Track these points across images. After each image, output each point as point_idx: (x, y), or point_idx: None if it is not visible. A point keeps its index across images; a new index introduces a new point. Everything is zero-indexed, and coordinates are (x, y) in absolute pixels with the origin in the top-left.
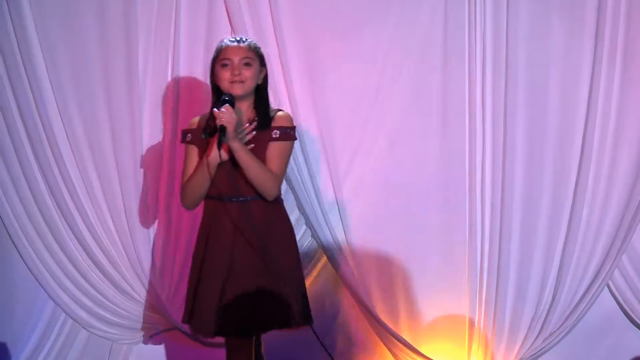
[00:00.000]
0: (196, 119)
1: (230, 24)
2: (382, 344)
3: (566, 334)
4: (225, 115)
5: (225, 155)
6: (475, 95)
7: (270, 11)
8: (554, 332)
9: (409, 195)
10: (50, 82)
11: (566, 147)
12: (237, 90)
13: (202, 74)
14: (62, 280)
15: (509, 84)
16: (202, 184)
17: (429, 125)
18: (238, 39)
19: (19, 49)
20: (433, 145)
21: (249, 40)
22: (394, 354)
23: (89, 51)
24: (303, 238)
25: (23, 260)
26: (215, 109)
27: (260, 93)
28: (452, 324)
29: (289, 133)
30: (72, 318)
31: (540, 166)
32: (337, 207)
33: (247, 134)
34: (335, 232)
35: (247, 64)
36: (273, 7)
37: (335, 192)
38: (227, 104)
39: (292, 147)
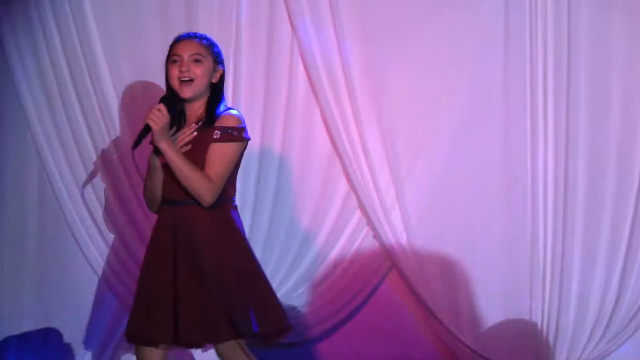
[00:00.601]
0: None
1: (292, 28)
2: (444, 346)
3: (630, 336)
4: (154, 114)
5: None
6: (537, 96)
7: (331, 15)
8: (618, 334)
9: (472, 197)
10: (114, 88)
11: (629, 148)
12: (186, 93)
13: (262, 79)
14: (129, 284)
15: (571, 86)
16: (148, 186)
17: (490, 126)
18: (190, 34)
19: (83, 56)
20: (495, 146)
21: (203, 35)
22: (456, 357)
23: (152, 58)
24: (364, 240)
25: (89, 264)
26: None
27: (215, 92)
28: (515, 325)
29: (230, 134)
30: None
31: (603, 166)
32: (398, 208)
33: (189, 134)
34: (397, 233)
35: (197, 61)
36: (334, 10)
37: (397, 193)
38: (161, 103)
39: (236, 149)
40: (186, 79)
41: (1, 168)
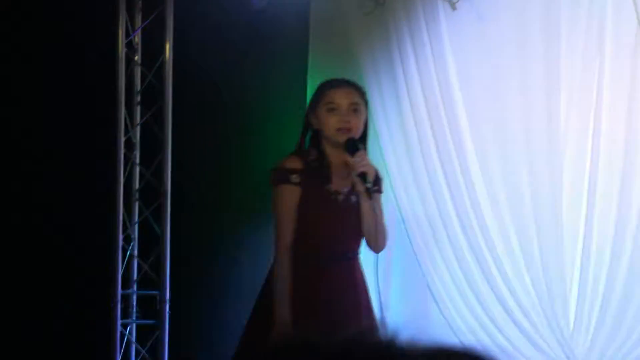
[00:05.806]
0: (295, 159)
1: None
2: None
3: None
4: (366, 161)
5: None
6: None
7: None
8: None
9: None
10: (471, 136)
11: None
12: (343, 139)
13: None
14: (477, 331)
15: None
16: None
17: None
18: (347, 80)
19: (442, 103)
20: None
21: (355, 82)
22: None
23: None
24: None
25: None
26: (351, 158)
27: (364, 141)
28: None
29: (381, 186)
30: None
31: None
32: None
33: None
34: None
35: (356, 110)
36: None
37: None
38: (360, 151)
39: None
40: (344, 129)
41: None
